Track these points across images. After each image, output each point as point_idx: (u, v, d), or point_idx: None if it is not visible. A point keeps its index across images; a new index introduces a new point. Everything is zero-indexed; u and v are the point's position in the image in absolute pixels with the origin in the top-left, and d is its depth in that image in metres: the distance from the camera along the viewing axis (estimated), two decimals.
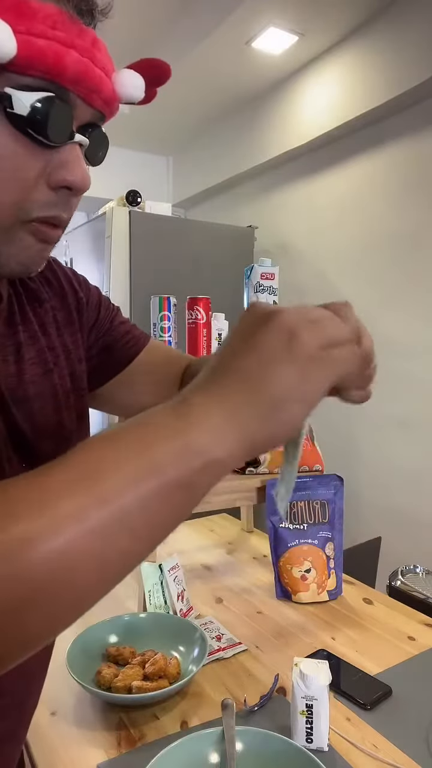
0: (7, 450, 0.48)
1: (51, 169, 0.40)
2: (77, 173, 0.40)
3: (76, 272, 0.64)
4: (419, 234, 2.10)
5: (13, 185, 0.38)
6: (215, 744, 0.67)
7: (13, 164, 0.38)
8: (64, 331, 0.58)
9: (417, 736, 0.73)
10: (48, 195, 0.40)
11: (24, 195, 0.39)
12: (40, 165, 0.39)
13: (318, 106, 2.41)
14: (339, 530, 1.16)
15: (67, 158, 0.40)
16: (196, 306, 1.40)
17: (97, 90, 0.40)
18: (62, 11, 0.37)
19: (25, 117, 0.36)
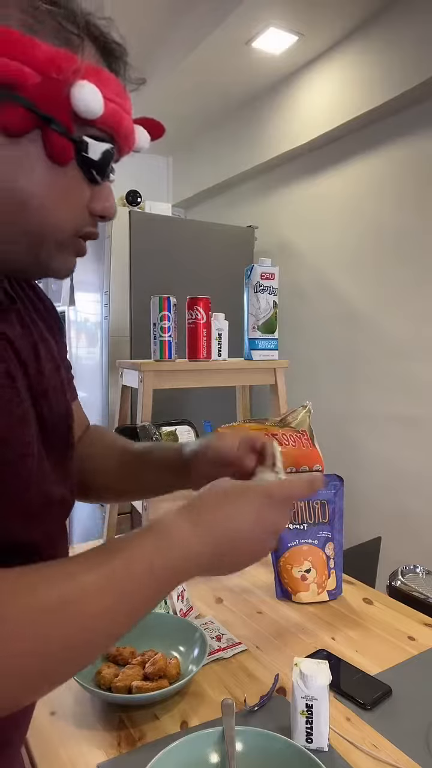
0: (38, 442, 0.53)
1: (93, 200, 0.50)
2: (112, 204, 0.52)
3: None
4: (419, 234, 2.10)
5: (74, 212, 0.49)
6: (215, 744, 0.67)
7: (76, 196, 0.48)
8: (58, 339, 0.65)
9: (417, 736, 0.73)
10: (89, 218, 0.51)
11: (78, 219, 0.49)
12: (87, 195, 0.49)
13: (318, 106, 2.41)
14: (339, 530, 1.16)
15: (105, 193, 0.51)
16: (196, 306, 1.40)
17: (132, 143, 0.52)
18: (120, 82, 0.48)
19: (95, 161, 0.47)
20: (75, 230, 0.49)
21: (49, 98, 0.43)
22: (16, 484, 0.49)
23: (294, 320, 2.65)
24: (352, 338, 2.42)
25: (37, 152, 0.44)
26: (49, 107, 0.43)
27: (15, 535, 0.49)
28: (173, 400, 2.28)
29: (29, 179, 0.45)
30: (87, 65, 0.44)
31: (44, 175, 0.45)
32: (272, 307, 1.49)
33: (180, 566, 0.45)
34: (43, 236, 0.47)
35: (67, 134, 0.45)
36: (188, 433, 1.28)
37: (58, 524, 0.59)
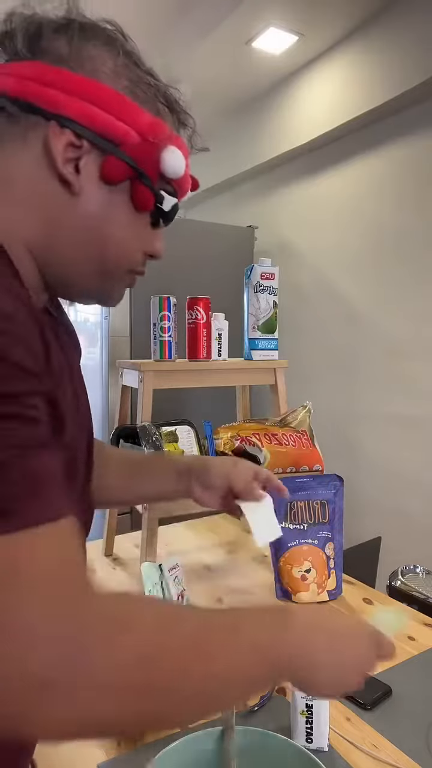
0: (84, 430, 0.60)
1: (150, 242, 0.57)
2: (163, 246, 0.59)
3: None
4: (419, 234, 2.10)
5: (134, 252, 0.56)
6: (215, 744, 0.67)
7: (143, 238, 0.56)
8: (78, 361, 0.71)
9: (417, 736, 0.73)
10: (144, 257, 0.58)
11: (140, 257, 0.57)
12: (146, 238, 0.57)
13: (318, 106, 2.41)
14: (339, 530, 1.16)
15: (159, 236, 0.58)
16: (196, 306, 1.40)
17: (183, 197, 0.60)
18: (187, 146, 0.58)
19: (166, 212, 0.56)
20: (134, 267, 0.57)
21: (145, 157, 0.52)
22: None
23: (294, 320, 2.65)
24: (352, 338, 2.42)
25: (125, 200, 0.53)
26: (144, 165, 0.52)
27: None
28: (173, 400, 2.28)
29: (115, 221, 0.53)
30: (177, 138, 0.55)
31: (126, 219, 0.54)
32: (272, 307, 1.49)
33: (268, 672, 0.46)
34: (114, 270, 0.55)
35: (152, 188, 0.53)
36: (188, 433, 1.28)
37: None
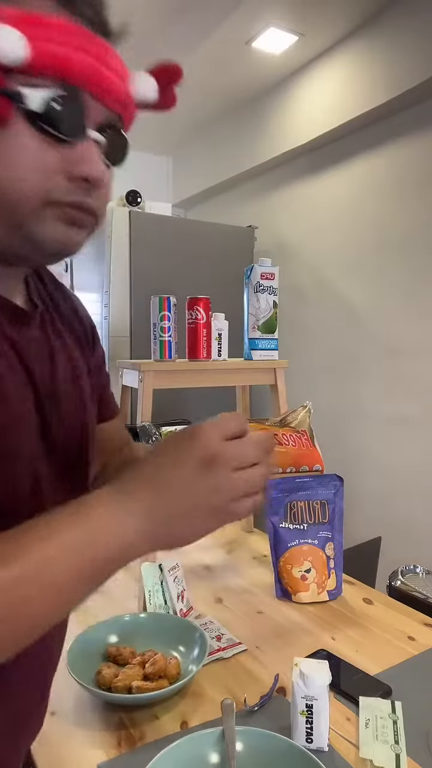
0: (37, 440, 0.53)
1: (69, 164, 0.44)
2: (93, 167, 0.44)
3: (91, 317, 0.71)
4: (419, 234, 2.10)
5: (33, 175, 0.43)
6: (215, 744, 0.67)
7: (31, 156, 0.42)
8: (86, 352, 0.64)
9: (417, 736, 0.73)
10: (68, 185, 0.44)
11: (44, 183, 0.43)
12: (57, 158, 0.43)
13: (318, 106, 2.41)
14: (339, 530, 1.16)
15: (84, 154, 0.44)
16: (196, 306, 1.40)
17: (108, 90, 0.44)
18: (73, 22, 0.42)
19: (39, 113, 0.41)
20: (44, 197, 0.43)
21: None
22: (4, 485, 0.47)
23: (294, 320, 2.65)
24: (352, 338, 2.42)
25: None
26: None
27: None
28: (173, 400, 2.28)
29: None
30: (11, 12, 0.39)
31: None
32: (272, 307, 1.49)
33: (119, 555, 0.42)
34: (10, 207, 0.43)
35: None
36: None
37: None
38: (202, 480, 0.44)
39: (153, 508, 0.43)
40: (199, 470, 0.44)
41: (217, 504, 0.44)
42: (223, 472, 0.44)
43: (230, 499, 0.44)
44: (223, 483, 0.44)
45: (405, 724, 0.75)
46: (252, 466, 0.46)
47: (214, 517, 0.45)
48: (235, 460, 0.45)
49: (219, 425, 0.46)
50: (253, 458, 0.46)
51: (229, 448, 0.45)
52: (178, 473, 0.44)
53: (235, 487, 0.44)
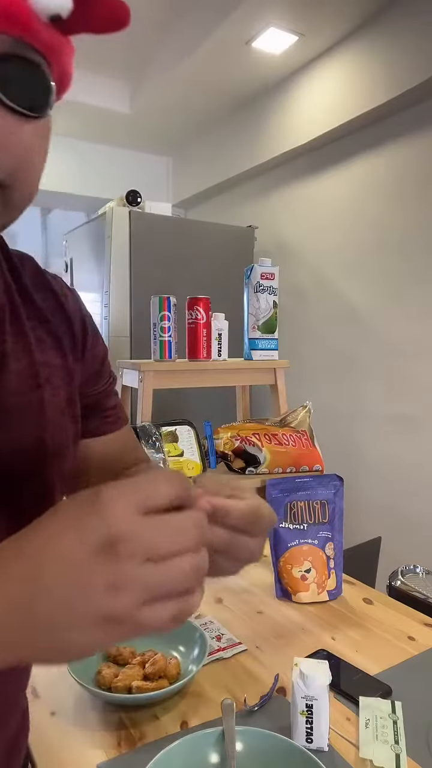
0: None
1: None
2: None
3: (90, 316, 0.63)
4: (419, 234, 2.10)
5: None
6: (215, 744, 0.67)
7: None
8: (69, 355, 0.55)
9: (417, 736, 0.73)
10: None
11: None
12: None
13: (318, 106, 2.41)
14: (339, 530, 1.16)
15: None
16: (196, 306, 1.40)
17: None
18: None
19: None
20: None
21: None
22: None
23: (294, 320, 2.65)
24: (352, 338, 2.42)
25: None
26: None
27: None
28: (173, 400, 2.28)
29: None
30: None
31: None
32: (272, 307, 1.49)
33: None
34: None
35: None
36: (188, 433, 1.28)
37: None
38: (95, 572, 0.29)
39: (21, 600, 0.29)
40: (93, 557, 0.29)
41: (115, 608, 0.29)
42: (128, 563, 0.29)
43: (137, 603, 0.29)
44: (126, 579, 0.29)
45: (405, 724, 0.75)
46: (179, 555, 0.31)
47: (110, 626, 0.29)
48: (150, 546, 0.30)
49: (137, 491, 0.31)
50: (181, 544, 0.31)
51: (143, 529, 0.30)
52: (62, 556, 0.29)
53: (145, 585, 0.30)
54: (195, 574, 0.31)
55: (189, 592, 0.32)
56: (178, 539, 0.31)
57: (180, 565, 0.31)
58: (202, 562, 0.32)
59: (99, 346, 0.62)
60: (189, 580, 0.31)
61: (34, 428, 0.50)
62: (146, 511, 0.31)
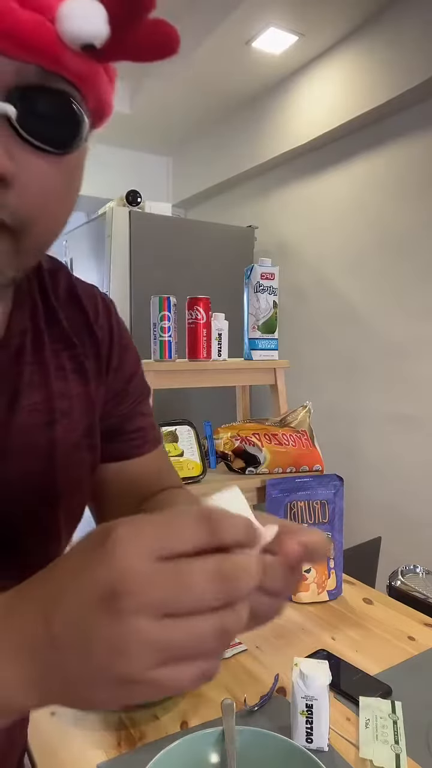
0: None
1: None
2: None
3: (124, 329, 0.58)
4: (419, 234, 2.10)
5: None
6: (215, 744, 0.67)
7: None
8: (91, 381, 0.52)
9: (417, 736, 0.73)
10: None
11: None
12: None
13: (318, 106, 2.41)
14: (339, 530, 1.16)
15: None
16: (196, 306, 1.40)
17: (7, 31, 0.29)
18: None
19: None
20: None
21: None
22: None
23: (294, 320, 2.65)
24: (352, 338, 2.42)
25: None
26: None
27: None
28: (173, 400, 2.28)
29: None
30: None
31: None
32: (272, 307, 1.49)
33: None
34: None
35: None
36: (188, 433, 1.28)
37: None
38: (98, 630, 0.25)
39: (39, 645, 0.26)
40: (97, 612, 0.25)
41: (123, 670, 0.25)
42: (133, 621, 0.24)
43: (147, 665, 0.25)
44: (129, 640, 0.24)
45: (405, 724, 0.75)
46: (199, 613, 0.25)
47: (125, 685, 0.25)
48: (161, 602, 0.25)
49: (154, 532, 0.26)
50: (200, 601, 0.25)
51: (154, 581, 0.25)
52: (68, 609, 0.26)
53: (153, 646, 0.25)
54: (218, 637, 0.26)
55: (211, 654, 0.26)
56: (197, 595, 0.25)
57: (199, 627, 0.25)
58: (231, 623, 0.26)
59: (126, 364, 0.57)
60: (208, 643, 0.26)
61: (43, 468, 0.46)
62: (163, 556, 0.25)
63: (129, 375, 0.58)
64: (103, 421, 0.55)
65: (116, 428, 0.58)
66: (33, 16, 0.29)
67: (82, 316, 0.53)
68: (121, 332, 0.57)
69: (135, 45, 0.32)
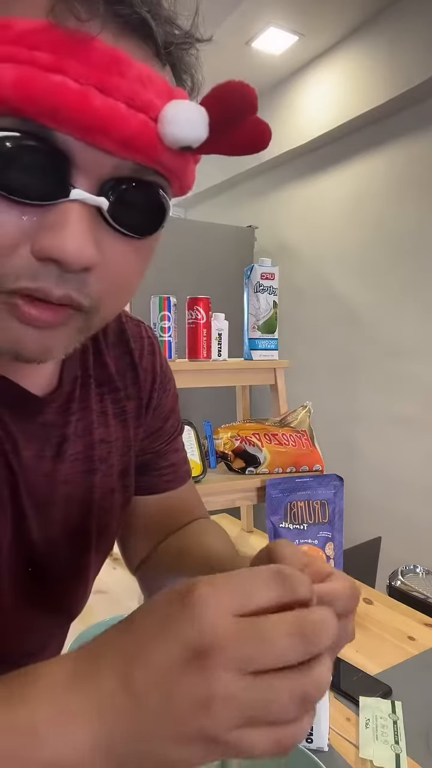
0: (12, 553, 0.43)
1: (36, 232, 0.30)
2: (66, 242, 0.30)
3: (167, 367, 0.59)
4: (419, 234, 2.10)
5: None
6: None
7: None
8: (130, 423, 0.53)
9: (417, 736, 0.73)
10: (30, 263, 0.30)
11: None
12: (15, 223, 0.30)
13: (318, 106, 2.41)
14: (339, 530, 1.16)
15: (57, 221, 0.30)
16: (196, 306, 1.40)
17: (103, 129, 0.29)
18: (54, 25, 0.27)
19: None
20: None
21: None
22: None
23: (294, 320, 2.65)
24: (352, 338, 2.42)
25: None
26: None
27: None
28: None
29: None
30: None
31: None
32: (272, 307, 1.49)
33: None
34: None
35: None
36: (188, 433, 1.28)
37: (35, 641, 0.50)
38: (184, 684, 0.25)
39: (118, 705, 0.26)
40: (182, 668, 0.25)
41: (206, 726, 0.25)
42: (221, 676, 0.25)
43: (231, 723, 0.25)
44: (216, 694, 0.25)
45: (405, 724, 0.75)
46: (281, 673, 0.26)
47: (206, 743, 0.25)
48: (248, 658, 0.25)
49: (235, 590, 0.27)
50: (288, 654, 0.26)
51: (239, 636, 0.25)
52: (152, 665, 0.26)
53: (239, 703, 0.25)
54: (297, 700, 0.26)
55: (293, 719, 0.26)
56: (279, 650, 0.25)
57: (282, 686, 0.25)
58: (311, 685, 0.26)
59: (165, 403, 0.58)
60: (290, 705, 0.25)
61: (78, 517, 0.48)
62: (243, 613, 0.26)
63: (167, 414, 0.59)
64: (138, 457, 0.56)
65: (149, 463, 0.59)
66: (138, 117, 0.30)
67: (128, 356, 0.53)
68: (163, 372, 0.58)
69: (229, 142, 0.33)
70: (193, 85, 0.36)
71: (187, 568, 0.53)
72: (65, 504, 0.46)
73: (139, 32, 0.30)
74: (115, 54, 0.29)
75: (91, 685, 0.27)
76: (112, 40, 0.29)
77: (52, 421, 0.45)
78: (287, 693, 0.25)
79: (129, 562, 0.65)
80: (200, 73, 0.37)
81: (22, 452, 0.42)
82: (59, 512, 0.46)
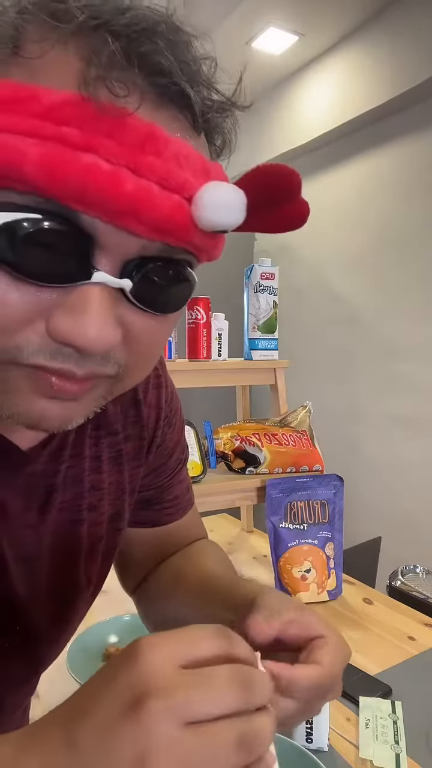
0: None
1: (53, 310, 0.28)
2: (87, 328, 0.28)
3: (173, 402, 0.56)
4: (419, 234, 2.10)
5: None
6: None
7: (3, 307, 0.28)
8: (126, 466, 0.50)
9: (417, 736, 0.73)
10: (47, 342, 0.29)
11: (6, 338, 0.28)
12: (30, 300, 0.28)
13: (318, 105, 2.41)
14: (339, 530, 1.16)
15: (76, 304, 0.28)
16: (196, 306, 1.40)
17: (134, 213, 0.27)
18: (86, 99, 0.25)
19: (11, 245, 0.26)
20: (9, 357, 0.29)
21: None
22: None
23: (294, 320, 2.65)
24: (352, 338, 2.42)
25: None
26: None
27: None
28: None
29: None
30: None
31: None
32: (272, 307, 1.49)
33: None
34: None
35: None
36: (188, 433, 1.28)
37: None
38: (122, 736, 0.25)
39: (61, 762, 0.26)
40: (122, 719, 0.25)
41: None
42: (158, 726, 0.24)
43: None
44: (153, 747, 0.24)
45: (405, 724, 0.75)
46: (222, 719, 0.26)
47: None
48: (186, 704, 0.25)
49: (179, 641, 0.28)
50: (227, 702, 0.26)
51: (178, 682, 0.26)
52: (94, 718, 0.26)
53: (179, 756, 0.24)
54: (239, 746, 0.25)
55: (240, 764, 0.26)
56: (219, 698, 0.26)
57: (221, 735, 0.25)
58: (251, 732, 0.26)
59: (170, 437, 0.56)
60: (230, 753, 0.25)
61: (63, 570, 0.46)
62: (185, 663, 0.27)
63: (171, 449, 0.57)
64: (139, 493, 0.54)
65: (151, 499, 0.58)
66: (171, 199, 0.28)
67: (131, 392, 0.50)
68: (169, 406, 0.55)
69: (265, 222, 0.32)
70: (224, 146, 0.35)
71: (184, 592, 0.53)
72: (51, 557, 0.44)
73: (177, 103, 0.29)
74: (152, 131, 0.27)
75: (39, 744, 0.27)
76: (148, 115, 0.27)
77: (41, 470, 0.42)
78: (225, 741, 0.25)
79: (125, 585, 0.65)
80: (234, 135, 0.35)
81: (7, 504, 0.40)
82: (44, 565, 0.44)
